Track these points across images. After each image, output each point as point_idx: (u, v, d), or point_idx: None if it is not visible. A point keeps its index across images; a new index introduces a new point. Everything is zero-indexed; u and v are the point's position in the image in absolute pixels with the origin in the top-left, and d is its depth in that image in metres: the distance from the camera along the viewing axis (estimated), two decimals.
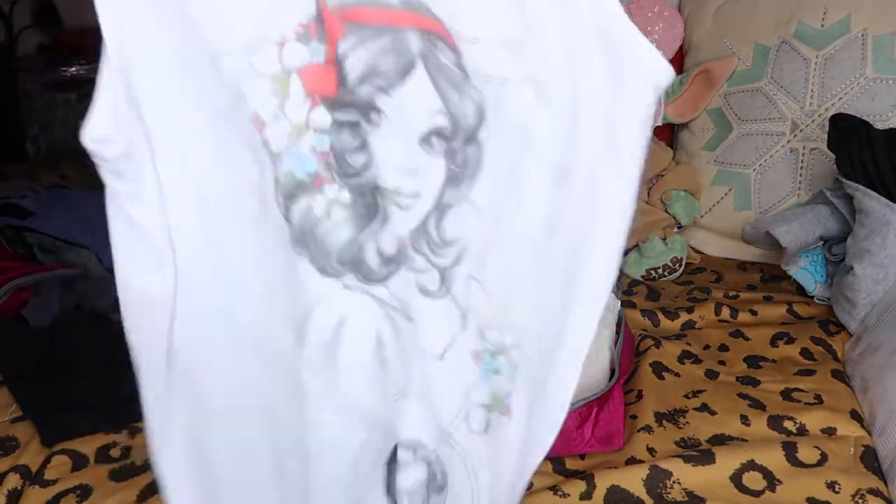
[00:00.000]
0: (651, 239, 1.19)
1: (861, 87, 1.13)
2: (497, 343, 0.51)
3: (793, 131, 1.19)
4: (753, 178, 1.22)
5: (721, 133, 1.27)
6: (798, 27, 1.20)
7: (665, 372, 0.89)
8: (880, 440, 0.73)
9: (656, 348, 0.92)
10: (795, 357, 0.92)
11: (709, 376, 0.89)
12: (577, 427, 0.74)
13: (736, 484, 0.69)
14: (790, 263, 1.05)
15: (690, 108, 1.30)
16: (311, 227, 0.44)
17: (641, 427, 0.77)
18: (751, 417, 0.79)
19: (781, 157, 1.20)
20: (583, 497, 0.68)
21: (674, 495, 0.68)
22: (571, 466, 0.74)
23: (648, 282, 1.18)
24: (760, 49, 1.23)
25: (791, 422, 0.77)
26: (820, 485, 0.68)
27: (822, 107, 1.16)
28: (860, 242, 0.93)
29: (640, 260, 1.20)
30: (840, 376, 0.86)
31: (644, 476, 0.69)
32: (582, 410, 0.74)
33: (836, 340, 0.95)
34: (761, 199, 1.22)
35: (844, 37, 1.16)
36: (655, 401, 0.82)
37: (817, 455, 0.71)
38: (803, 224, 1.03)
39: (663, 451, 0.74)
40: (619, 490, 0.68)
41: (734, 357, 0.93)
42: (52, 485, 0.77)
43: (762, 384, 0.86)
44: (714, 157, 1.27)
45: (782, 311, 1.03)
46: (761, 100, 1.22)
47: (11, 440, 0.85)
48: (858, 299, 0.93)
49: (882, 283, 0.91)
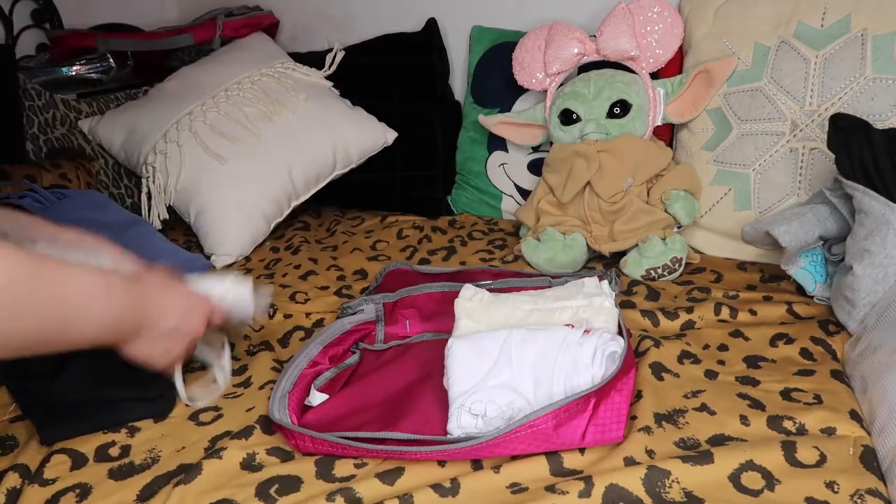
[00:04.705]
0: (651, 239, 1.19)
1: (861, 87, 1.13)
2: None
3: (792, 131, 1.19)
4: (753, 177, 1.22)
5: (721, 133, 1.27)
6: (798, 27, 1.20)
7: (664, 372, 0.89)
8: (879, 440, 0.73)
9: (656, 348, 0.92)
10: (795, 357, 0.92)
11: (708, 376, 0.89)
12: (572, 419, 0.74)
13: (735, 484, 0.69)
14: (790, 263, 1.05)
15: (690, 108, 1.31)
16: None
17: (641, 427, 0.77)
18: (750, 417, 0.79)
19: (781, 156, 1.20)
20: (581, 496, 0.68)
21: (672, 495, 0.68)
22: (570, 466, 0.74)
23: (648, 282, 1.18)
24: (760, 49, 1.23)
25: (790, 422, 0.77)
26: (819, 485, 0.68)
27: (821, 107, 1.16)
28: (860, 242, 0.93)
29: (640, 260, 1.20)
30: (839, 376, 0.86)
31: (643, 475, 0.69)
32: (579, 402, 0.74)
33: (836, 340, 0.95)
34: (761, 199, 1.22)
35: (844, 37, 1.16)
36: (655, 401, 0.82)
37: (816, 455, 0.71)
38: (803, 224, 1.03)
39: (662, 451, 0.74)
40: (618, 489, 0.68)
41: (734, 357, 0.93)
42: (51, 484, 0.77)
43: (762, 384, 0.86)
44: (714, 157, 1.27)
45: (782, 311, 1.03)
46: (761, 100, 1.22)
47: (11, 439, 0.85)
48: (858, 299, 0.93)
49: (882, 283, 0.91)
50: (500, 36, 1.56)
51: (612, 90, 1.29)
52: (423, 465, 0.75)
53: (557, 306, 0.95)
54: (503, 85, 1.50)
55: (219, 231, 1.44)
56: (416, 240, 1.47)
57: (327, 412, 0.88)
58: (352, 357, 1.00)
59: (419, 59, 1.65)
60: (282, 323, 1.15)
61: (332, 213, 1.68)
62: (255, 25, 1.79)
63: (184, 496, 0.72)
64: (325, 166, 1.54)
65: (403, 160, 1.62)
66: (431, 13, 1.66)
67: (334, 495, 0.71)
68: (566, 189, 1.27)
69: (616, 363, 0.80)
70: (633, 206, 1.23)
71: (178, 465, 0.79)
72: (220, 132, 1.50)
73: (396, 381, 0.92)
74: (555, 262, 1.25)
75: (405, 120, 1.61)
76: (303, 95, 1.57)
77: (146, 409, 0.88)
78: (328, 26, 1.81)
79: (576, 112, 1.31)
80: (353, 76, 1.67)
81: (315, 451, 0.79)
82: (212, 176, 1.46)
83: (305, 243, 1.49)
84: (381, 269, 1.25)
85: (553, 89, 1.38)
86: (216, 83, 1.58)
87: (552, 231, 1.27)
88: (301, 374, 0.92)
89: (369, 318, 1.07)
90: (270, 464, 0.78)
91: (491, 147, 1.55)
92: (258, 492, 0.73)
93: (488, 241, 1.43)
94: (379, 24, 1.73)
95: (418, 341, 1.03)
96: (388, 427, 0.81)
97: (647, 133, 1.31)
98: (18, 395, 0.91)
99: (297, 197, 1.53)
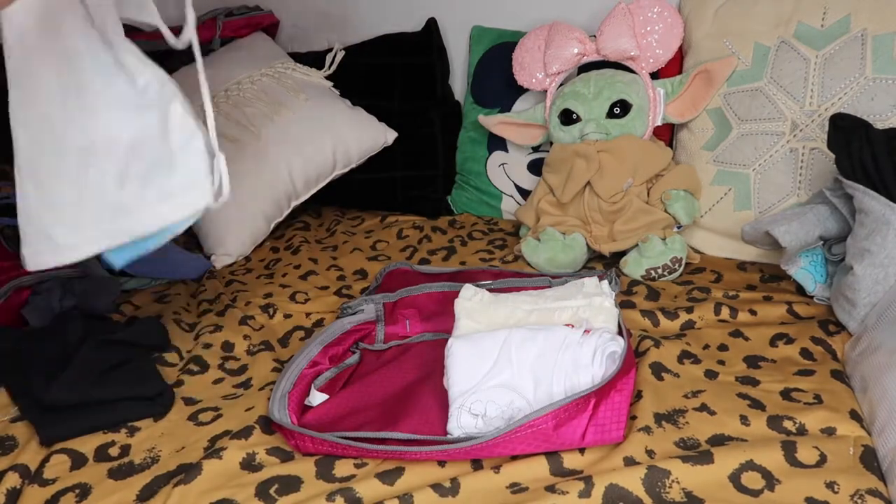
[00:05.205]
0: (651, 239, 1.19)
1: (861, 87, 1.13)
2: None
3: (792, 131, 1.19)
4: (753, 177, 1.22)
5: (721, 133, 1.27)
6: (798, 27, 1.20)
7: (664, 372, 0.89)
8: (880, 440, 0.73)
9: (656, 348, 0.92)
10: (795, 357, 0.92)
11: (708, 376, 0.89)
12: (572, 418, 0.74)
13: (735, 484, 0.69)
14: (790, 263, 1.05)
15: (690, 108, 1.31)
16: None
17: (641, 427, 0.77)
18: (750, 417, 0.79)
19: (781, 156, 1.20)
20: (581, 496, 0.68)
21: (672, 495, 0.68)
22: (570, 466, 0.74)
23: (648, 282, 1.18)
24: (760, 49, 1.23)
25: (790, 422, 0.77)
26: (819, 485, 0.68)
27: (821, 107, 1.16)
28: (860, 242, 0.93)
29: (640, 260, 1.20)
30: (840, 376, 0.86)
31: (643, 475, 0.69)
32: (579, 402, 0.74)
33: (836, 340, 0.95)
34: (761, 199, 1.22)
35: (844, 37, 1.16)
36: (655, 401, 0.82)
37: (816, 455, 0.71)
38: (803, 224, 1.03)
39: (662, 451, 0.74)
40: (618, 489, 0.68)
41: (734, 357, 0.93)
42: (51, 484, 0.77)
43: (762, 384, 0.86)
44: (714, 157, 1.27)
45: (782, 310, 1.03)
46: (761, 100, 1.22)
47: (10, 439, 0.85)
48: (858, 299, 0.93)
49: (882, 283, 0.91)
50: (500, 36, 1.56)
51: (612, 90, 1.29)
52: (423, 465, 0.75)
53: (557, 306, 0.95)
54: (503, 85, 1.50)
55: (219, 231, 1.44)
56: (416, 240, 1.47)
57: (327, 412, 0.88)
58: (352, 357, 1.00)
59: (419, 59, 1.65)
60: (282, 323, 1.15)
61: (332, 213, 1.68)
62: (255, 25, 1.79)
63: (184, 496, 0.73)
64: (325, 166, 1.54)
65: (403, 160, 1.62)
66: (431, 13, 1.66)
67: (334, 495, 0.71)
68: (566, 189, 1.27)
69: (616, 363, 0.80)
70: (633, 206, 1.23)
71: (178, 465, 0.79)
72: (220, 132, 1.50)
73: (396, 381, 0.92)
74: (555, 262, 1.25)
75: (405, 120, 1.61)
76: (303, 95, 1.57)
77: (145, 408, 0.89)
78: (328, 26, 1.81)
79: (576, 112, 1.31)
80: (353, 76, 1.67)
81: (315, 451, 0.79)
82: None
83: (305, 243, 1.49)
84: (381, 269, 1.25)
85: (553, 89, 1.38)
86: (216, 83, 1.58)
87: (552, 231, 1.27)
88: (301, 374, 0.92)
89: (369, 318, 1.07)
90: (270, 464, 0.78)
91: (491, 147, 1.55)
92: (258, 492, 0.73)
93: (488, 241, 1.43)
94: (379, 24, 1.73)
95: (418, 341, 1.03)
96: (388, 427, 0.81)
97: (647, 133, 1.31)
98: (18, 395, 0.91)
99: (297, 197, 1.53)
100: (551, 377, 0.80)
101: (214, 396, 0.93)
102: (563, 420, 0.74)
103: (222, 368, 1.01)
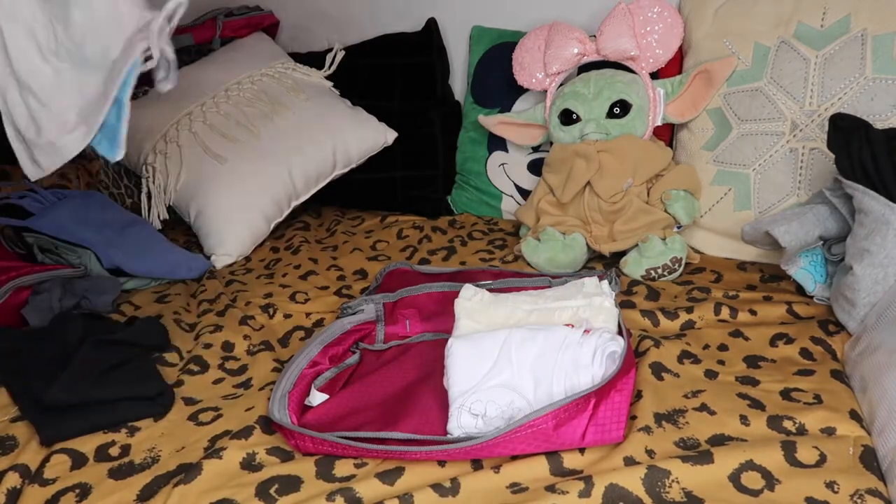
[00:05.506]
0: (651, 239, 1.19)
1: (861, 87, 1.13)
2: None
3: (792, 131, 1.19)
4: (753, 177, 1.22)
5: (721, 133, 1.27)
6: (798, 27, 1.20)
7: (664, 372, 0.89)
8: (879, 440, 0.73)
9: (656, 348, 0.92)
10: (795, 357, 0.92)
11: (708, 376, 0.89)
12: (571, 419, 0.74)
13: (735, 484, 0.69)
14: (790, 263, 1.05)
15: (690, 108, 1.31)
16: None
17: (641, 427, 0.77)
18: (750, 417, 0.79)
19: (781, 156, 1.20)
20: (581, 496, 0.68)
21: (672, 495, 0.68)
22: (570, 465, 0.74)
23: (648, 282, 1.18)
24: (760, 49, 1.23)
25: (790, 422, 0.77)
26: (819, 485, 0.68)
27: (821, 107, 1.16)
28: (860, 242, 0.93)
29: (640, 260, 1.20)
30: (839, 376, 0.86)
31: (643, 475, 0.69)
32: (579, 402, 0.74)
33: (836, 340, 0.95)
34: (761, 199, 1.22)
35: (844, 37, 1.16)
36: (655, 401, 0.82)
37: (816, 455, 0.71)
38: (803, 224, 1.03)
39: (662, 451, 0.74)
40: (618, 489, 0.68)
41: (734, 357, 0.93)
42: (51, 483, 0.77)
43: (761, 384, 0.86)
44: (714, 157, 1.27)
45: (782, 310, 1.03)
46: (761, 100, 1.22)
47: (11, 439, 0.85)
48: (858, 299, 0.93)
49: (882, 283, 0.91)
50: (500, 36, 1.56)
51: (612, 90, 1.29)
52: (423, 465, 0.75)
53: (557, 306, 0.95)
54: (503, 85, 1.50)
55: (219, 231, 1.44)
56: (416, 240, 1.47)
57: (327, 412, 0.88)
58: (352, 357, 1.00)
59: (419, 59, 1.65)
60: (282, 323, 1.15)
61: (332, 213, 1.68)
62: (255, 25, 1.79)
63: (184, 496, 0.73)
64: (325, 166, 1.54)
65: (403, 160, 1.62)
66: (431, 13, 1.66)
67: (334, 495, 0.71)
68: (566, 189, 1.27)
69: (616, 363, 0.80)
70: (633, 206, 1.23)
71: (178, 464, 0.79)
72: (221, 132, 1.50)
73: (396, 381, 0.92)
74: (555, 262, 1.25)
75: (405, 120, 1.61)
76: (303, 95, 1.57)
77: (145, 407, 0.89)
78: (328, 26, 1.81)
79: (576, 112, 1.31)
80: (353, 76, 1.67)
81: (315, 451, 0.79)
82: (212, 176, 1.46)
83: (305, 243, 1.49)
84: (381, 269, 1.25)
85: (553, 89, 1.38)
86: (216, 83, 1.58)
87: (552, 231, 1.27)
88: (301, 374, 0.92)
89: (369, 318, 1.07)
90: (270, 464, 0.78)
91: (491, 147, 1.55)
92: (258, 492, 0.73)
93: (488, 241, 1.43)
94: (379, 24, 1.73)
95: (418, 341, 1.04)
96: (388, 427, 0.81)
97: (647, 133, 1.31)
98: (18, 396, 0.91)
99: (297, 197, 1.53)
100: (551, 377, 0.80)
101: (214, 396, 0.93)
102: (563, 420, 0.74)
103: (222, 368, 1.01)
